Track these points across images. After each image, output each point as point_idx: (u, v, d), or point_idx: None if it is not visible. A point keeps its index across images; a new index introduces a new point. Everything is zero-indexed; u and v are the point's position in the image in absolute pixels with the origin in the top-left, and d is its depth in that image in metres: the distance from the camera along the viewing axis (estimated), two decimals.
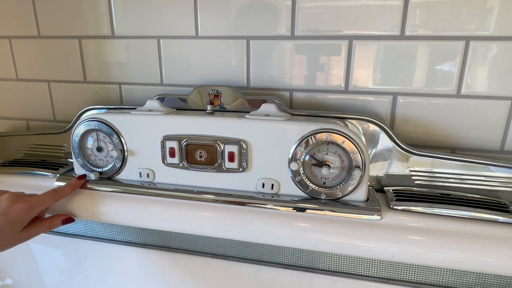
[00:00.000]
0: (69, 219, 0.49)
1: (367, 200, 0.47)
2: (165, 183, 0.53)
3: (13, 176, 0.59)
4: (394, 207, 0.46)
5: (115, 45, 0.61)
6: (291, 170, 0.47)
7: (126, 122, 0.51)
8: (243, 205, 0.48)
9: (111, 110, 0.60)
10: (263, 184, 0.49)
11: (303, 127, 0.46)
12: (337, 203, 0.46)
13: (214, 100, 0.54)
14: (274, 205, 0.47)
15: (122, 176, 0.55)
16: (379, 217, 0.44)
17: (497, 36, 0.46)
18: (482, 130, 0.51)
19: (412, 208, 0.45)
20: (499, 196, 0.48)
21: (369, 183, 0.49)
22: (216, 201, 0.49)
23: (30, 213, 0.44)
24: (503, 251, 0.40)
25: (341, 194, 0.46)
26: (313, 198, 0.47)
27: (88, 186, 0.52)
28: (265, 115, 0.47)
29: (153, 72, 0.61)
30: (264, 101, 0.50)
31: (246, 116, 0.48)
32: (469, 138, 0.51)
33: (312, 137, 0.45)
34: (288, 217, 0.46)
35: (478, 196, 0.48)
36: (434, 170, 0.50)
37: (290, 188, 0.48)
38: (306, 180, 0.47)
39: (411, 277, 0.46)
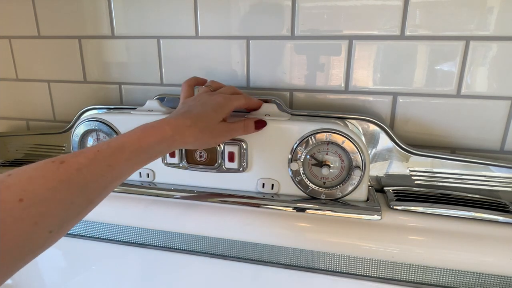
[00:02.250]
0: (261, 122, 0.46)
1: (367, 200, 0.47)
2: (165, 183, 0.53)
3: None
4: (394, 207, 0.46)
5: (115, 45, 0.61)
6: (291, 170, 0.47)
7: (126, 122, 0.51)
8: (243, 205, 0.48)
9: (111, 110, 0.60)
10: (263, 184, 0.49)
11: (303, 127, 0.46)
12: (337, 203, 0.46)
13: None
14: (274, 205, 0.47)
15: None
16: (379, 217, 0.44)
17: (497, 36, 0.46)
18: (482, 130, 0.50)
19: (412, 208, 0.45)
20: (499, 196, 0.48)
21: (369, 183, 0.49)
22: (216, 201, 0.49)
23: (228, 102, 0.42)
24: (503, 251, 0.40)
25: (341, 194, 0.46)
26: (313, 198, 0.47)
27: None
28: (266, 115, 0.47)
29: (153, 72, 0.61)
30: (265, 101, 0.50)
31: (246, 116, 0.48)
32: (469, 138, 0.51)
33: (312, 137, 0.45)
34: (288, 217, 0.46)
35: (478, 196, 0.48)
36: (434, 170, 0.50)
37: (290, 188, 0.48)
38: (306, 180, 0.47)
39: (411, 277, 0.46)
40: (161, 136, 0.35)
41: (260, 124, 0.45)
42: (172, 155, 0.50)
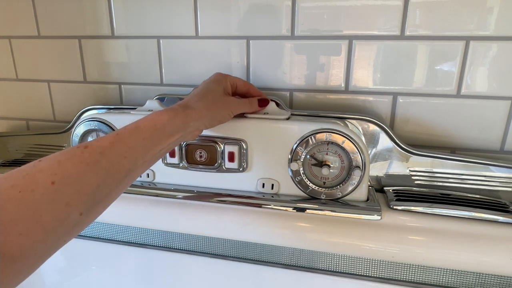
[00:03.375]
0: (265, 100, 0.49)
1: (367, 200, 0.47)
2: (165, 183, 0.53)
3: None
4: (394, 207, 0.46)
5: (115, 45, 0.61)
6: (291, 170, 0.47)
7: (126, 122, 0.50)
8: (243, 205, 0.48)
9: (111, 110, 0.60)
10: (263, 184, 0.49)
11: (303, 127, 0.46)
12: (337, 203, 0.46)
13: None
14: (274, 205, 0.47)
15: None
16: (379, 217, 0.44)
17: (497, 36, 0.46)
18: (482, 130, 0.50)
19: (412, 208, 0.45)
20: (499, 196, 0.48)
21: (369, 183, 0.49)
22: (216, 201, 0.49)
23: (226, 76, 0.46)
24: (503, 251, 0.40)
25: (341, 194, 0.46)
26: (313, 198, 0.47)
27: None
28: (265, 113, 0.48)
29: (153, 72, 0.61)
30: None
31: (245, 115, 0.48)
32: (469, 138, 0.51)
33: (312, 137, 0.45)
34: (288, 217, 0.46)
35: (478, 196, 0.48)
36: (434, 170, 0.50)
37: (290, 188, 0.48)
38: (306, 180, 0.47)
39: (411, 277, 0.46)
40: (173, 113, 0.36)
41: (263, 102, 0.48)
42: (172, 155, 0.50)
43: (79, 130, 0.54)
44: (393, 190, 0.50)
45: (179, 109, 0.37)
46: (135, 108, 0.52)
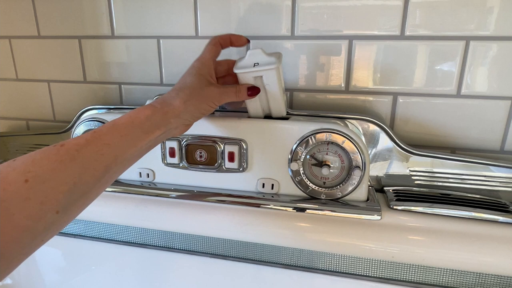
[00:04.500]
0: (255, 88, 0.43)
1: (367, 200, 0.47)
2: (165, 183, 0.53)
3: None
4: (394, 207, 0.46)
5: (115, 45, 0.61)
6: (291, 170, 0.47)
7: None
8: (243, 205, 0.48)
9: (111, 110, 0.60)
10: (263, 184, 0.49)
11: (303, 127, 0.46)
12: (337, 203, 0.46)
13: None
14: (274, 205, 0.47)
15: (122, 176, 0.55)
16: (379, 217, 0.44)
17: (497, 36, 0.46)
18: (482, 130, 0.50)
19: (412, 208, 0.45)
20: (499, 196, 0.48)
21: (369, 183, 0.49)
22: (216, 201, 0.49)
23: (200, 59, 0.42)
24: (503, 251, 0.40)
25: (341, 194, 0.46)
26: (313, 198, 0.47)
27: None
28: (255, 64, 0.43)
29: (153, 72, 0.61)
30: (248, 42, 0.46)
31: (234, 70, 0.43)
32: (469, 138, 0.51)
33: (312, 137, 0.45)
34: (288, 217, 0.46)
35: (478, 196, 0.48)
36: (434, 170, 0.50)
37: (290, 188, 0.48)
38: (306, 180, 0.47)
39: (411, 277, 0.46)
40: (151, 110, 0.36)
41: (253, 91, 0.43)
42: (172, 155, 0.50)
43: (79, 130, 0.54)
44: (393, 190, 0.50)
45: (157, 106, 0.37)
46: (135, 108, 0.52)
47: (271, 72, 0.42)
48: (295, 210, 0.46)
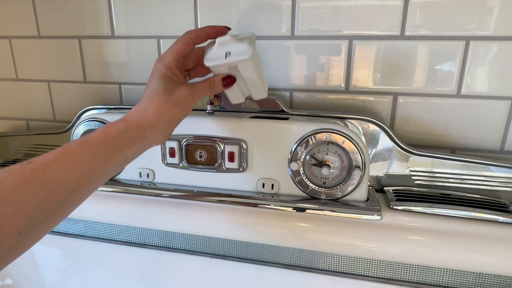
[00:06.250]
0: (229, 77, 0.38)
1: (367, 200, 0.47)
2: (165, 183, 0.53)
3: None
4: (394, 207, 0.46)
5: (115, 45, 0.61)
6: (291, 170, 0.47)
7: None
8: (243, 205, 0.48)
9: (111, 110, 0.60)
10: (263, 184, 0.49)
11: (303, 127, 0.46)
12: (337, 203, 0.46)
13: (214, 100, 0.54)
14: (274, 205, 0.47)
15: (122, 176, 0.55)
16: (379, 217, 0.44)
17: (497, 36, 0.46)
18: (482, 130, 0.50)
19: (412, 208, 0.45)
20: (499, 196, 0.48)
21: (369, 183, 0.49)
22: (216, 201, 0.49)
23: (162, 61, 0.37)
24: (503, 251, 0.40)
25: (341, 194, 0.46)
26: (313, 198, 0.47)
27: None
28: (226, 54, 0.37)
29: None
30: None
31: (204, 64, 0.38)
32: (469, 138, 0.51)
33: (312, 137, 0.45)
34: (288, 217, 0.46)
35: (478, 196, 0.48)
36: (434, 170, 0.50)
37: (290, 188, 0.48)
38: (306, 180, 0.47)
39: (411, 277, 0.46)
40: (124, 125, 0.34)
41: (228, 81, 0.39)
42: (172, 155, 0.50)
43: (79, 130, 0.54)
44: (393, 190, 0.50)
45: (129, 120, 0.34)
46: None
47: (246, 62, 0.37)
48: (295, 210, 0.46)
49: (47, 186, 0.27)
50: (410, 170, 0.51)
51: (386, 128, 0.50)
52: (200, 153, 0.50)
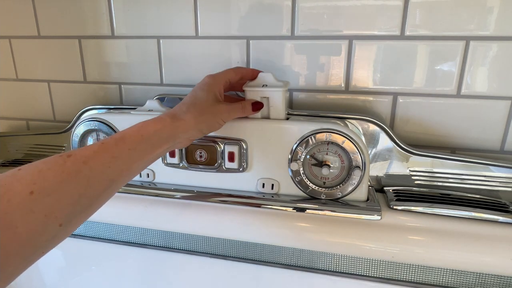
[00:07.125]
0: (258, 103, 0.45)
1: (367, 200, 0.47)
2: (165, 183, 0.53)
3: None
4: (394, 207, 0.46)
5: (115, 45, 0.61)
6: (291, 170, 0.47)
7: (126, 122, 0.51)
8: (243, 205, 0.48)
9: (111, 110, 0.60)
10: (263, 184, 0.49)
11: (303, 127, 0.46)
12: (337, 203, 0.46)
13: None
14: (274, 205, 0.47)
15: None
16: (379, 217, 0.44)
17: (497, 36, 0.46)
18: (482, 130, 0.50)
19: (412, 208, 0.45)
20: (499, 196, 0.48)
21: (369, 183, 0.49)
22: (216, 201, 0.49)
23: (215, 77, 0.43)
24: (503, 251, 0.40)
25: (341, 194, 0.46)
26: (313, 198, 0.47)
27: None
28: (263, 85, 0.46)
29: (153, 72, 0.61)
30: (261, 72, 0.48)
31: (243, 88, 0.46)
32: (469, 138, 0.51)
33: (312, 137, 0.45)
34: (288, 217, 0.46)
35: (478, 196, 0.48)
36: (434, 170, 0.50)
37: (290, 188, 0.48)
38: (306, 180, 0.47)
39: (411, 277, 0.46)
40: (161, 124, 0.36)
41: (256, 106, 0.46)
42: (172, 155, 0.50)
43: (79, 130, 0.54)
44: (393, 190, 0.50)
45: (167, 120, 0.37)
46: (135, 108, 0.52)
47: (277, 94, 0.45)
48: (295, 210, 0.46)
49: (88, 180, 0.28)
50: (410, 170, 0.51)
51: (386, 128, 0.50)
52: (200, 153, 0.50)
